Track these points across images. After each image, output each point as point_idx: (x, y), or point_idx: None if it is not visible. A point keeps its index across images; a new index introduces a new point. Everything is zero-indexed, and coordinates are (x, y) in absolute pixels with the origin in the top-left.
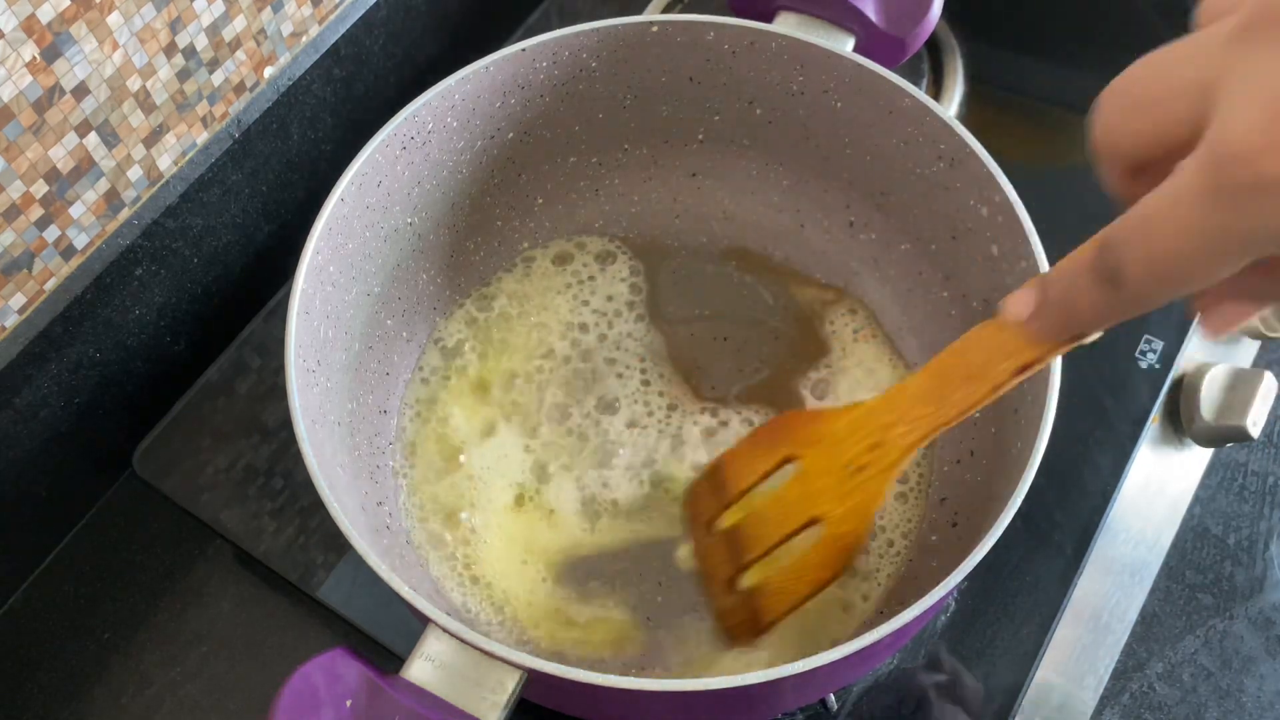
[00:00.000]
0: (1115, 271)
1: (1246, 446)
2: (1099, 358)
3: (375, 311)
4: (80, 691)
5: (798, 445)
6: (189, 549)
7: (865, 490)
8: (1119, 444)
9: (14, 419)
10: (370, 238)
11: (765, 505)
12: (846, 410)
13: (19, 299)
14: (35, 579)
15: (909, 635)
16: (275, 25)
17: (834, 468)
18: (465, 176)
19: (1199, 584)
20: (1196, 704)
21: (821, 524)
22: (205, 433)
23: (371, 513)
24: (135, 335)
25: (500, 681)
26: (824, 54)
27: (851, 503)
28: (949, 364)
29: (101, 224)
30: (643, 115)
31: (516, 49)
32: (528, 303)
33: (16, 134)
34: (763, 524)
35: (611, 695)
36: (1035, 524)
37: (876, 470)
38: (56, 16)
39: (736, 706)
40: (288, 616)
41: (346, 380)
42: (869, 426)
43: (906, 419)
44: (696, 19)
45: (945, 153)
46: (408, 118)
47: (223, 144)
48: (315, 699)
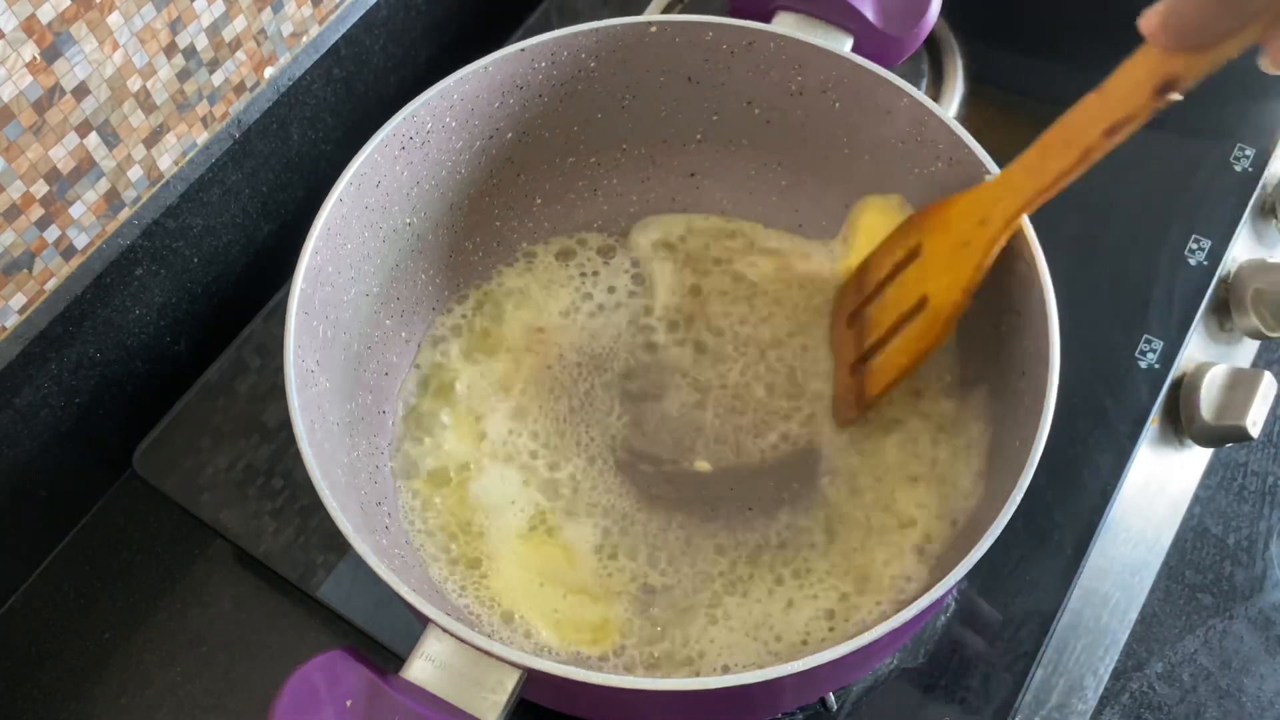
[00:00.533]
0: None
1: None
2: (1099, 358)
3: (374, 312)
4: (80, 691)
5: (925, 232)
6: (189, 549)
7: (968, 263)
8: (1119, 444)
9: (14, 419)
10: (369, 238)
11: (889, 290)
12: (964, 195)
13: (19, 299)
14: (35, 579)
15: (908, 635)
16: (275, 25)
17: (947, 247)
18: (464, 177)
19: (1199, 584)
20: (1196, 704)
21: (928, 303)
22: (205, 433)
23: (371, 513)
24: (135, 335)
25: (500, 681)
26: (822, 54)
27: (953, 276)
28: (1052, 136)
29: (102, 224)
30: (641, 115)
31: (515, 49)
32: (527, 300)
33: (17, 134)
34: (884, 309)
35: (611, 695)
36: (1035, 524)
37: (978, 244)
38: (57, 16)
39: (736, 706)
40: (288, 616)
41: (346, 380)
42: (981, 203)
43: (1012, 192)
44: (695, 19)
45: (943, 152)
46: (406, 118)
47: (223, 144)
48: (315, 699)
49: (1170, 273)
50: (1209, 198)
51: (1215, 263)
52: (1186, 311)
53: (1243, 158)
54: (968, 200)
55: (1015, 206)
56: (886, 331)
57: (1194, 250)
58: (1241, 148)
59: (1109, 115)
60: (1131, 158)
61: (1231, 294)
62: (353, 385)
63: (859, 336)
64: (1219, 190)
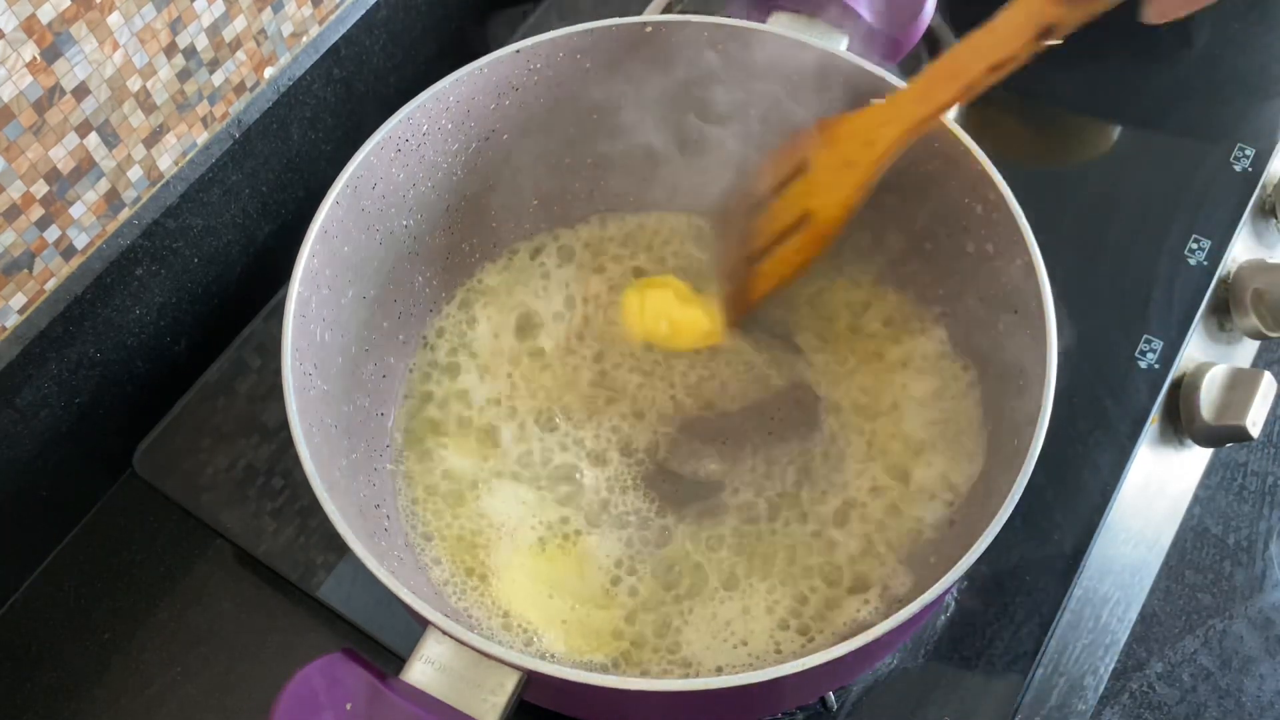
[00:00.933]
0: None
1: (1246, 446)
2: (1099, 358)
3: (371, 314)
4: (80, 691)
5: (812, 149)
6: (189, 549)
7: (850, 183)
8: (1119, 444)
9: (14, 419)
10: (365, 241)
11: (775, 203)
12: (852, 115)
13: (19, 299)
14: (35, 579)
15: (908, 634)
16: (275, 25)
17: (832, 164)
18: (461, 179)
19: (1199, 584)
20: (1196, 704)
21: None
22: (205, 433)
23: (370, 515)
24: (135, 335)
25: (500, 683)
26: (819, 53)
27: (837, 195)
28: (937, 69)
29: (102, 224)
30: (638, 116)
31: (511, 50)
32: (525, 301)
33: (17, 134)
34: (770, 219)
35: (611, 696)
36: (1035, 524)
37: (863, 165)
38: (57, 16)
39: (736, 706)
40: (288, 616)
41: (343, 383)
42: (868, 125)
43: (898, 117)
44: (691, 19)
45: (939, 150)
46: (402, 120)
47: (223, 144)
48: (315, 702)
49: (1170, 273)
50: (1209, 198)
51: (1215, 263)
52: (1186, 311)
53: (1243, 158)
54: (855, 121)
55: (900, 130)
56: (770, 240)
57: (1194, 250)
58: (1241, 148)
59: (993, 53)
60: (1132, 158)
61: (1231, 294)
62: (351, 388)
63: (744, 245)
64: (1219, 190)
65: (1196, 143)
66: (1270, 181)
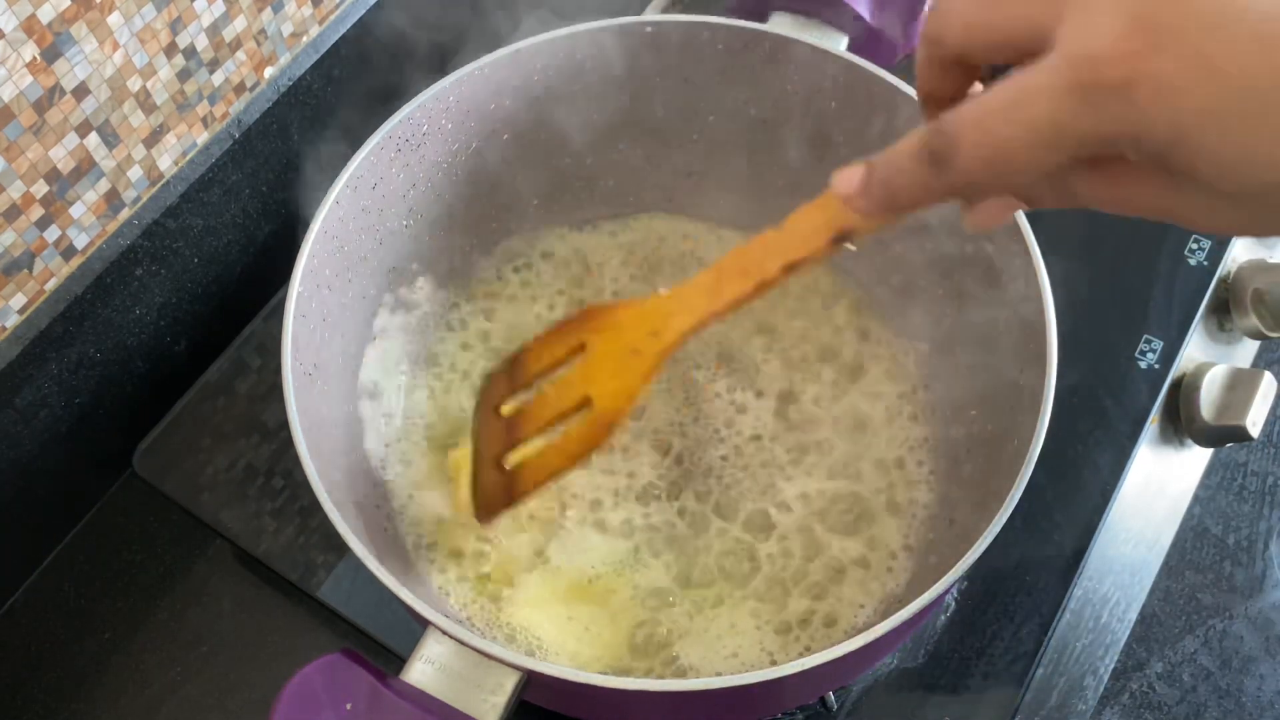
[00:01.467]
0: (945, 154)
1: (1246, 446)
2: (1099, 358)
3: (371, 313)
4: (80, 691)
5: (590, 332)
6: (189, 549)
7: (635, 372)
8: (1119, 444)
9: (14, 419)
10: (365, 240)
11: (549, 388)
12: (638, 301)
13: (19, 299)
14: (35, 579)
15: (908, 634)
16: (275, 25)
17: (615, 351)
18: (460, 178)
19: (1199, 584)
20: (1196, 704)
21: (592, 405)
22: (205, 433)
23: (370, 515)
24: (135, 335)
25: (500, 683)
26: (818, 53)
27: (621, 383)
28: (730, 262)
29: (102, 224)
30: (638, 116)
31: (511, 50)
32: (522, 301)
33: (17, 134)
34: (542, 405)
35: (611, 696)
36: (1035, 524)
37: (648, 354)
38: (57, 16)
39: (736, 706)
40: (288, 616)
41: (344, 383)
42: (655, 315)
43: (685, 309)
44: (691, 19)
45: None
46: (402, 120)
47: (223, 144)
48: (315, 703)
49: (1170, 273)
50: None
51: (1215, 263)
52: (1186, 311)
53: None
54: (640, 309)
55: (688, 324)
56: (541, 428)
57: (1194, 250)
58: None
59: (787, 254)
60: None
61: (1231, 294)
62: (350, 387)
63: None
64: None
65: None
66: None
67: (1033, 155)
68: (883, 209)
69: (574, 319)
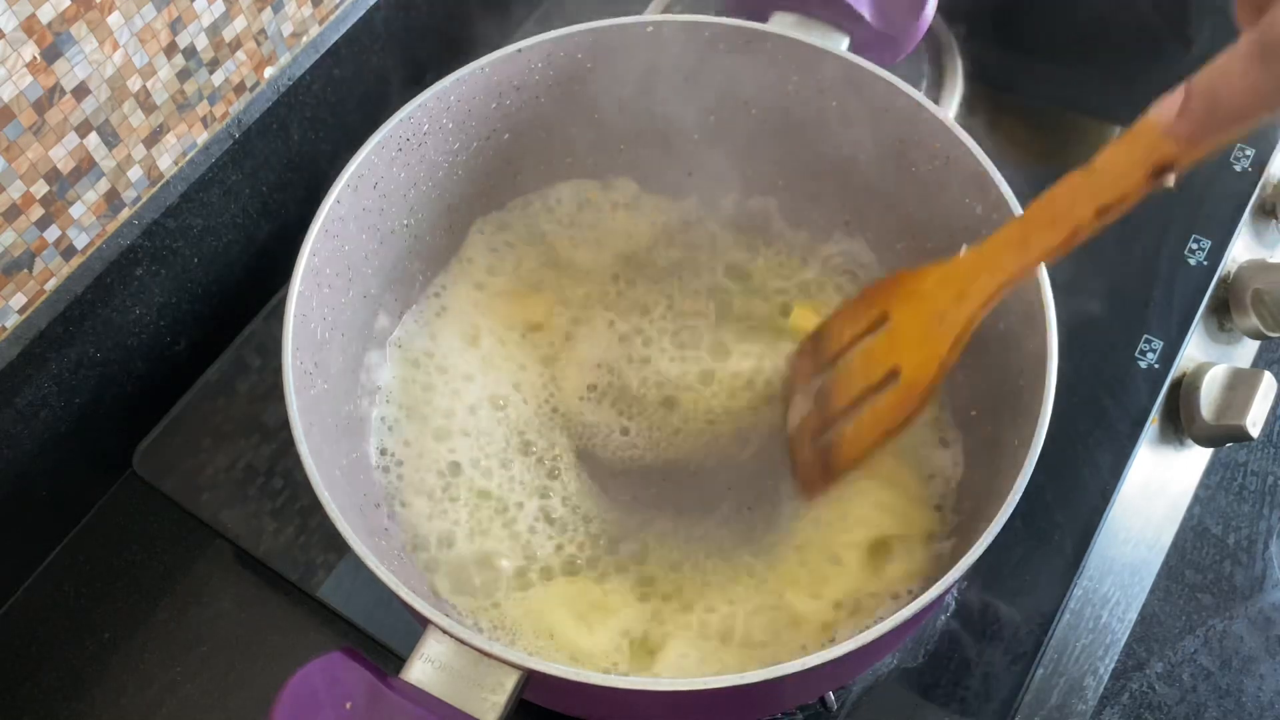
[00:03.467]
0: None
1: (1246, 446)
2: (1099, 358)
3: (372, 313)
4: (80, 691)
5: (893, 301)
6: (189, 549)
7: (943, 339)
8: (1119, 444)
9: (14, 419)
10: (366, 240)
11: (854, 359)
12: (939, 266)
13: (19, 299)
14: (35, 579)
15: (908, 634)
16: (275, 25)
17: (920, 318)
18: (461, 178)
19: (1199, 584)
20: (1196, 704)
21: (900, 374)
22: (205, 433)
23: (370, 514)
24: (135, 335)
25: (500, 682)
26: (819, 53)
27: (929, 351)
28: (1036, 212)
29: (102, 224)
30: (638, 116)
31: (512, 49)
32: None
33: (17, 134)
34: (849, 377)
35: (611, 695)
36: (1035, 524)
37: (955, 320)
38: (57, 16)
39: (736, 706)
40: (288, 616)
41: (344, 382)
42: (957, 278)
43: (991, 267)
44: (692, 19)
45: (940, 151)
46: (403, 119)
47: (223, 144)
48: (315, 701)
49: (1170, 273)
50: (1209, 198)
51: (1215, 263)
52: (1186, 311)
53: (1243, 158)
54: (943, 272)
55: (996, 283)
56: (851, 402)
57: (1194, 250)
58: (1241, 148)
59: (1100, 195)
60: None
61: (1231, 294)
62: (351, 387)
63: (820, 404)
64: (1219, 190)
65: None
66: (1270, 181)
67: None
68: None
69: (873, 289)
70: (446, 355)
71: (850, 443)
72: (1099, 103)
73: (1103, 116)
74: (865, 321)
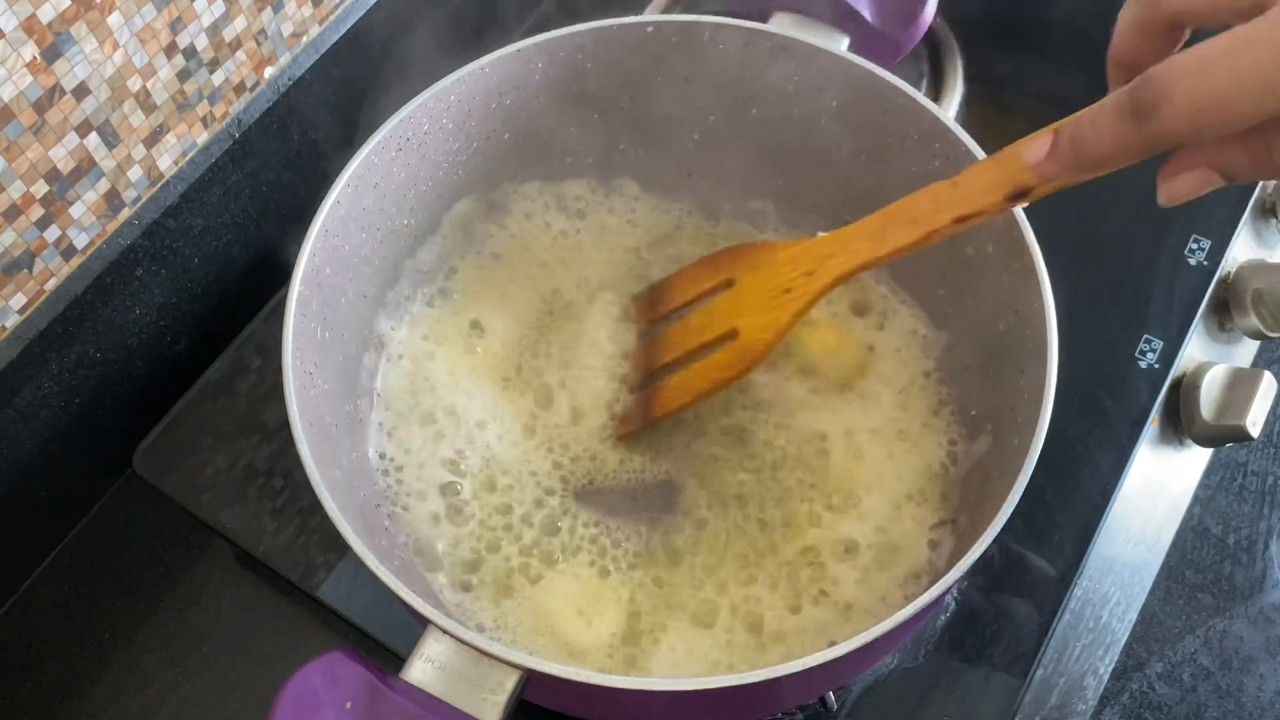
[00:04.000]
0: (1153, 104)
1: (1246, 446)
2: (1099, 358)
3: (372, 313)
4: (80, 691)
5: (740, 269)
6: (189, 549)
7: (786, 309)
8: (1119, 444)
9: (14, 419)
10: (366, 239)
11: (693, 316)
12: (793, 243)
13: (19, 299)
14: (35, 579)
15: (908, 634)
16: (275, 25)
17: (766, 288)
18: (461, 178)
19: (1199, 584)
20: (1196, 704)
21: (738, 336)
22: (205, 433)
23: (370, 514)
24: (135, 335)
25: (500, 682)
26: (819, 53)
27: (770, 317)
28: (897, 210)
29: (102, 224)
30: (638, 116)
31: (512, 49)
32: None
33: (17, 134)
34: (685, 331)
35: (611, 695)
36: (1035, 524)
37: (802, 293)
38: (57, 16)
39: (736, 705)
40: (288, 616)
41: (344, 382)
42: (810, 256)
43: (845, 251)
44: (692, 19)
45: (940, 151)
46: (403, 119)
47: (223, 144)
48: (315, 701)
49: (1170, 273)
50: (1209, 197)
51: (1215, 263)
52: (1186, 311)
53: None
54: (798, 249)
55: (847, 267)
56: (684, 354)
57: (1194, 250)
58: None
59: (960, 207)
60: None
61: (1231, 294)
62: (351, 387)
63: (653, 351)
64: (1219, 190)
65: None
66: (1270, 181)
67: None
68: (1070, 169)
69: (723, 254)
70: (446, 355)
71: (675, 390)
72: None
73: None
74: (709, 283)
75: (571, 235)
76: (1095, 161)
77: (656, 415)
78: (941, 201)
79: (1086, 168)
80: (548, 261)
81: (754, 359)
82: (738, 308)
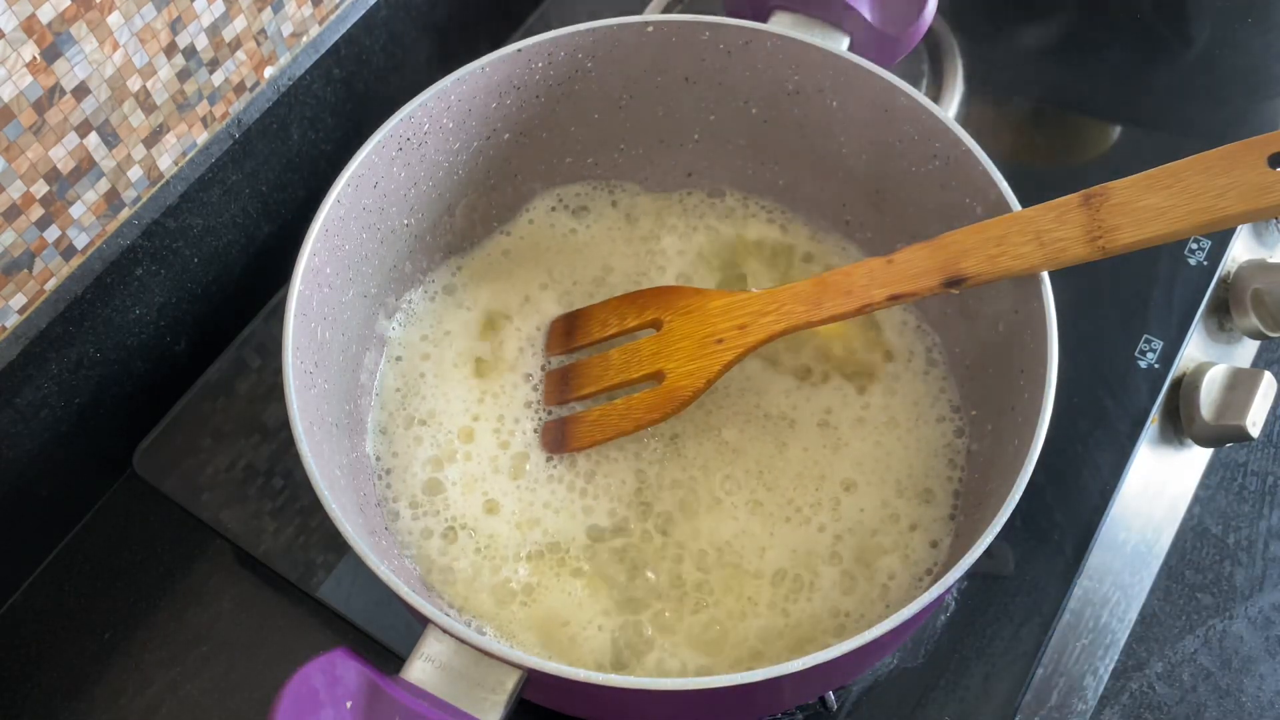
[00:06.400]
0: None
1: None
2: (1099, 358)
3: (372, 313)
4: (80, 691)
5: (669, 311)
6: (189, 549)
7: (717, 359)
8: (1119, 444)
9: (14, 419)
10: (367, 239)
11: (615, 352)
12: (727, 293)
13: (19, 299)
14: (35, 579)
15: (908, 633)
16: (275, 25)
17: (697, 335)
18: (461, 178)
19: (1199, 584)
20: (1196, 704)
21: (663, 379)
22: (205, 433)
23: (370, 514)
24: (135, 335)
25: (500, 681)
26: (819, 53)
27: (700, 364)
28: (835, 279)
29: (102, 224)
30: (639, 115)
31: (512, 49)
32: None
33: (17, 134)
34: (606, 366)
35: (611, 695)
36: (1035, 524)
37: (733, 345)
38: (57, 16)
39: (736, 705)
40: (288, 616)
41: (344, 382)
42: (744, 310)
43: (779, 311)
44: (692, 19)
45: (940, 151)
46: (404, 119)
47: (223, 144)
48: (315, 700)
49: (1170, 273)
50: None
51: (1215, 263)
52: (1186, 311)
53: None
54: (730, 300)
55: (780, 326)
56: (603, 389)
57: (1194, 250)
58: None
59: (895, 286)
60: (1132, 157)
61: (1231, 294)
62: (351, 386)
63: (566, 381)
64: None
65: (1197, 142)
66: None
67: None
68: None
69: (649, 294)
70: (446, 355)
71: (594, 425)
72: (1099, 103)
73: (1103, 116)
74: (633, 321)
75: (571, 235)
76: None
77: (573, 448)
78: (877, 278)
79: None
80: (548, 262)
81: (680, 404)
82: (665, 350)
